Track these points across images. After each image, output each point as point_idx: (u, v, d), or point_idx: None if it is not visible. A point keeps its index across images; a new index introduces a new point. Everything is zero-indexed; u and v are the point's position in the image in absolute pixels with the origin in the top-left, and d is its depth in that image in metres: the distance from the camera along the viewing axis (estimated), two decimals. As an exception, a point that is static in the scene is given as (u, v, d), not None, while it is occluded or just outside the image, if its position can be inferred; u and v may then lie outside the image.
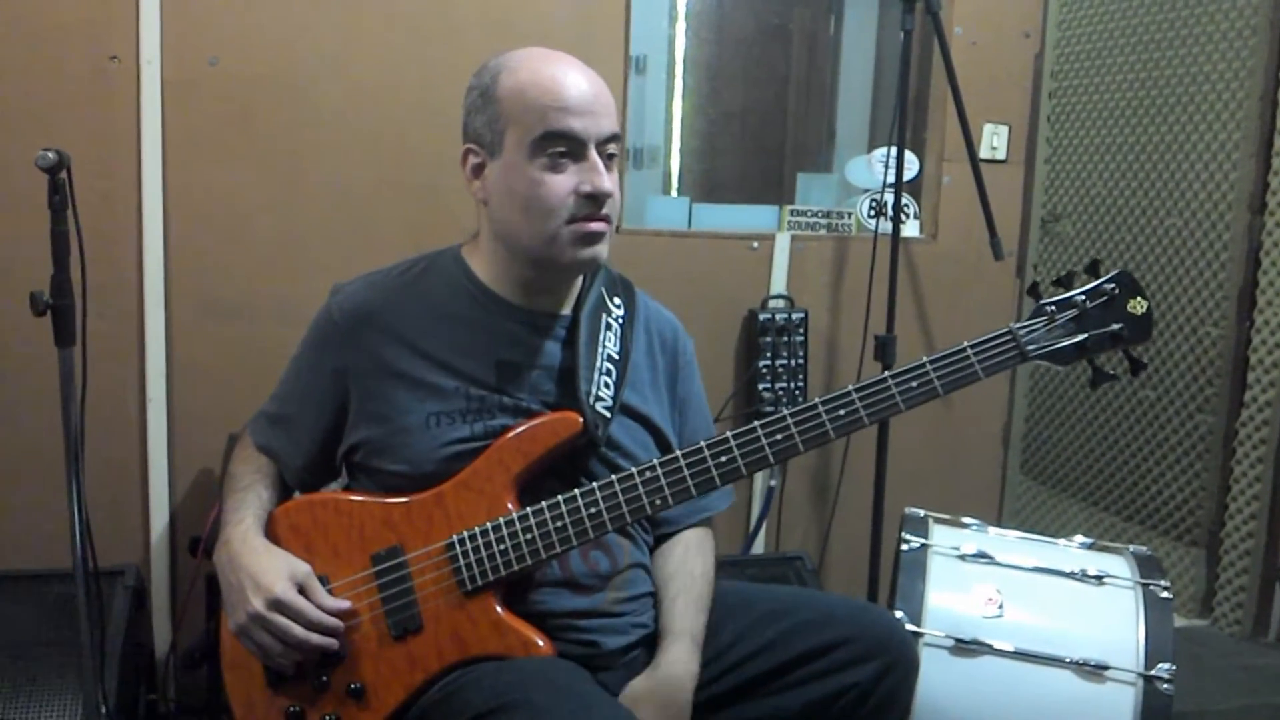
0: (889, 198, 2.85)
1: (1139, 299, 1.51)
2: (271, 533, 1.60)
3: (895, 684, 1.51)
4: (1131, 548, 2.18)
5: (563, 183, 1.49)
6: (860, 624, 1.55)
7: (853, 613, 1.58)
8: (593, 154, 1.50)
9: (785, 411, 1.48)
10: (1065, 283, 1.54)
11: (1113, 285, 1.51)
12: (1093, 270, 1.53)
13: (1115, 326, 1.51)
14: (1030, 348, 1.50)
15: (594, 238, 1.53)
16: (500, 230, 1.56)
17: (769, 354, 2.96)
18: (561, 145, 1.49)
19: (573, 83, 1.50)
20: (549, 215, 1.50)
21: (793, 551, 2.89)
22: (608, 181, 1.51)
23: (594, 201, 1.51)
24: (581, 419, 1.54)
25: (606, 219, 1.54)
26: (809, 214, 3.14)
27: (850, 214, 3.17)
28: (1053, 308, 1.51)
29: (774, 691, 1.54)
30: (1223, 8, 2.84)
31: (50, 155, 1.52)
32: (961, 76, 2.79)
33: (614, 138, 1.54)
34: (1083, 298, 1.51)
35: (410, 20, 2.63)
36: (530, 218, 1.51)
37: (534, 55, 1.54)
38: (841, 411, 1.47)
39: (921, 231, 3.22)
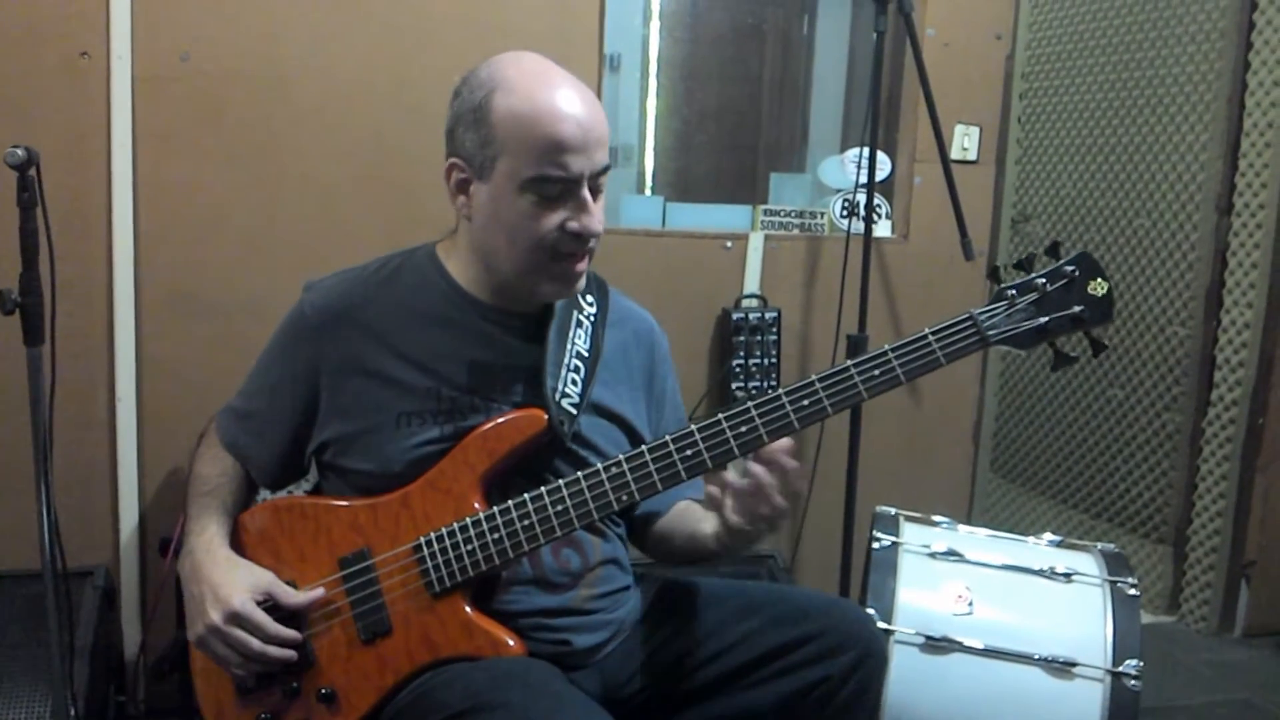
0: (861, 198, 2.87)
1: (1099, 280, 1.49)
2: (237, 538, 1.59)
3: (866, 677, 1.52)
4: (1099, 545, 2.21)
5: (551, 220, 1.47)
6: (830, 618, 1.55)
7: (823, 607, 1.58)
8: (584, 192, 1.48)
9: (749, 404, 1.46)
10: (1026, 265, 1.51)
11: (1073, 267, 1.49)
12: (1053, 252, 1.51)
13: (1076, 309, 1.49)
14: (991, 333, 1.48)
15: (574, 276, 1.54)
16: (481, 248, 1.55)
17: (742, 353, 2.97)
18: (555, 186, 1.46)
19: (571, 116, 1.45)
20: (533, 250, 1.49)
21: (765, 550, 2.90)
22: (596, 222, 1.50)
23: (580, 240, 1.50)
24: (546, 416, 1.53)
25: (590, 253, 1.53)
26: (782, 214, 3.15)
27: (823, 214, 3.18)
28: (1013, 291, 1.49)
29: (746, 687, 1.54)
30: (1191, 11, 2.87)
31: (19, 152, 1.51)
32: (933, 78, 2.80)
33: (606, 169, 1.51)
34: (1043, 281, 1.49)
35: (386, 17, 2.62)
36: (514, 248, 1.50)
37: (529, 73, 1.48)
38: (805, 401, 1.46)
39: (893, 231, 3.23)
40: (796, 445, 1.46)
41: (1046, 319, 1.49)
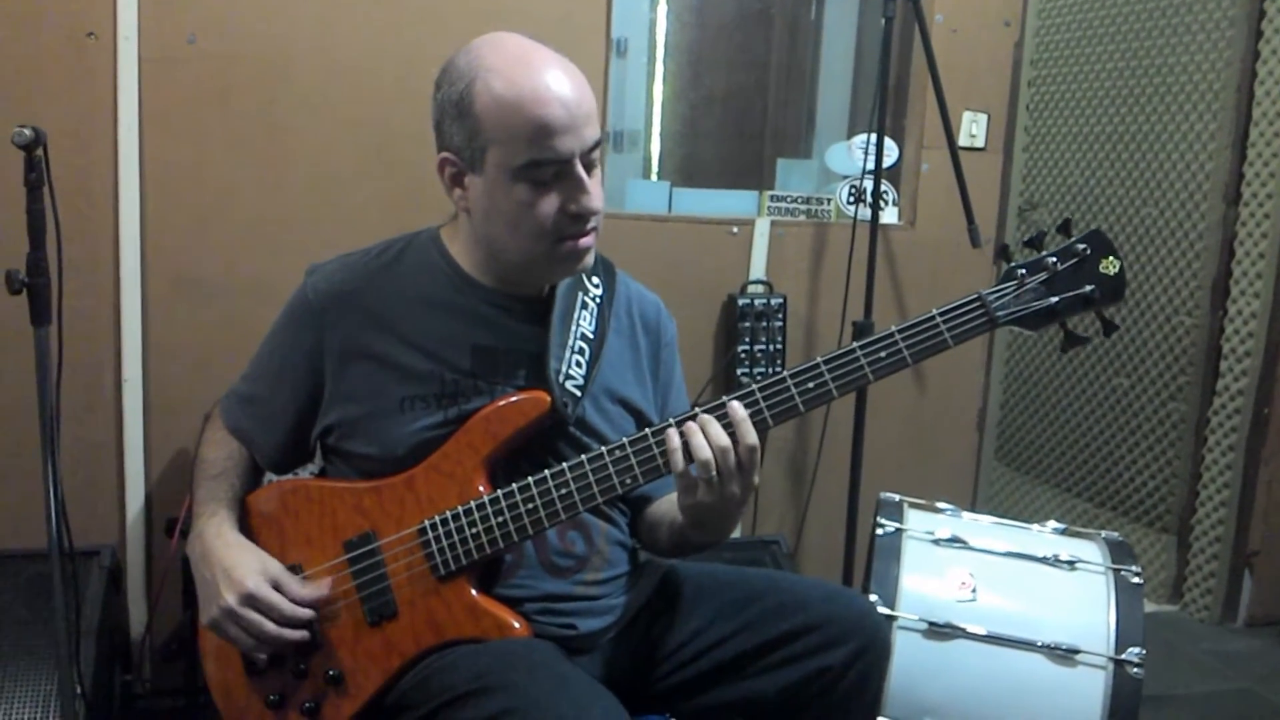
0: (868, 184, 2.86)
1: (1111, 258, 1.45)
2: (244, 520, 1.59)
3: (866, 668, 1.52)
4: (1103, 533, 2.21)
5: (549, 204, 1.46)
6: (833, 608, 1.55)
7: (826, 597, 1.58)
8: (578, 170, 1.46)
9: (754, 385, 1.45)
10: (1036, 244, 1.47)
11: (1084, 245, 1.45)
12: (1064, 230, 1.48)
13: (1087, 289, 1.45)
14: (1000, 314, 1.45)
15: (582, 253, 1.52)
16: (484, 237, 1.54)
17: (748, 339, 2.97)
18: (548, 170, 1.45)
19: (555, 97, 1.42)
20: (536, 236, 1.48)
21: (769, 535, 2.91)
22: (595, 199, 1.48)
23: (581, 220, 1.49)
24: (549, 398, 1.53)
25: (594, 230, 1.52)
26: (789, 200, 3.15)
27: (829, 200, 3.17)
28: (1023, 271, 1.45)
29: (748, 675, 1.54)
30: (1201, 0, 2.87)
31: (26, 132, 1.51)
32: (941, 64, 2.79)
33: (597, 144, 1.49)
34: (1054, 259, 1.45)
35: (391, 0, 2.61)
36: (517, 237, 1.49)
37: (509, 57, 1.45)
38: (810, 384, 1.45)
39: (900, 218, 3.23)
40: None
41: (1057, 299, 1.45)
